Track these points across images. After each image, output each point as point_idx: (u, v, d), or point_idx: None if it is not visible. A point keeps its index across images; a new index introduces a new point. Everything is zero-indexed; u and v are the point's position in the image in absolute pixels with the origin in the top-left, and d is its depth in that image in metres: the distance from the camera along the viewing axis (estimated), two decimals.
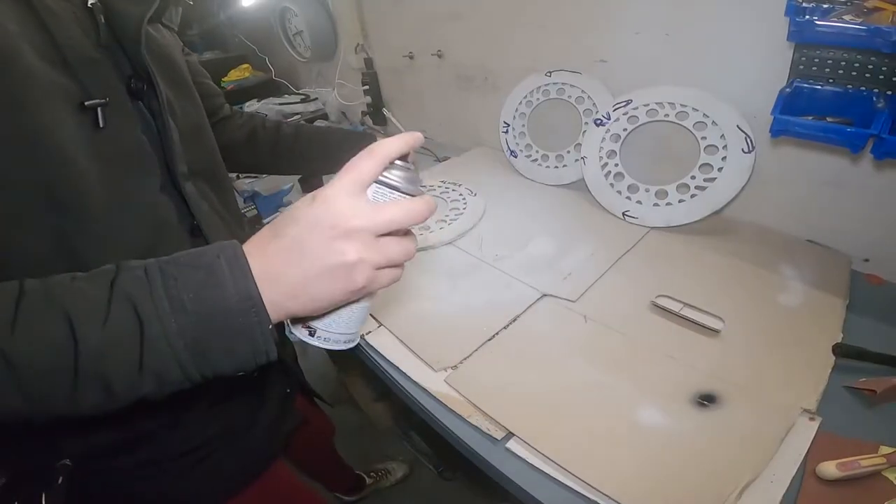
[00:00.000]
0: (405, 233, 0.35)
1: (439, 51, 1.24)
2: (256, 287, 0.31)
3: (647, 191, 0.88)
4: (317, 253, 0.31)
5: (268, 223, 0.38)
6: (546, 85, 1.03)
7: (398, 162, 0.34)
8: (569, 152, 1.03)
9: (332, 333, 0.37)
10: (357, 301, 0.36)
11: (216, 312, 0.30)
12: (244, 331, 0.31)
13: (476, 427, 0.55)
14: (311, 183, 1.22)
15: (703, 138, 0.80)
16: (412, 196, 0.34)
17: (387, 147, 0.34)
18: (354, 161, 0.33)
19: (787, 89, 0.66)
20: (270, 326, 0.32)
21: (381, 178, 0.34)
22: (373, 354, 0.68)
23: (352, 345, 0.39)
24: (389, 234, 0.33)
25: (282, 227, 0.33)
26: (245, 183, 1.37)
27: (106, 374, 0.29)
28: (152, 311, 0.29)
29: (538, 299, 0.73)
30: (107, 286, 0.29)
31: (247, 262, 0.31)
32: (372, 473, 1.34)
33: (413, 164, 0.35)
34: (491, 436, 0.54)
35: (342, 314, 0.36)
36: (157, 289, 0.29)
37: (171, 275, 0.30)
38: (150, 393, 0.31)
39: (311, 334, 0.36)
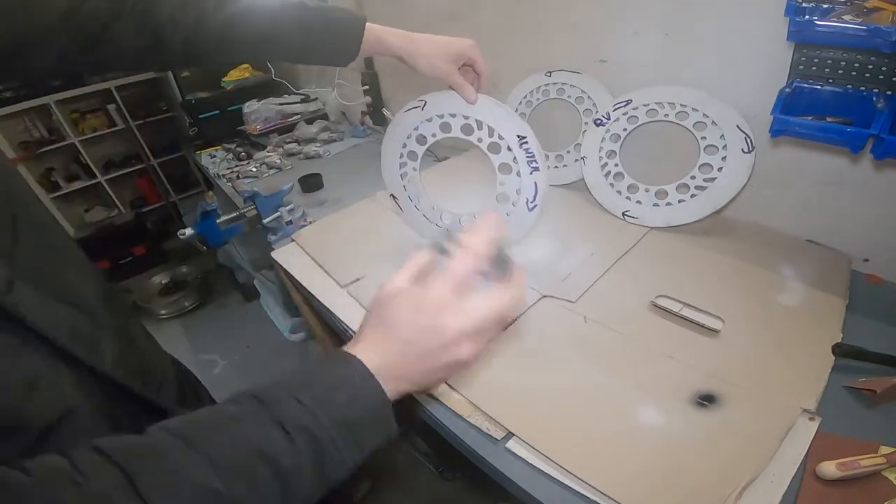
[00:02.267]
0: None
1: None
2: (384, 392, 0.35)
3: (647, 191, 0.88)
4: (437, 355, 0.36)
5: (373, 305, 0.39)
6: (546, 85, 1.03)
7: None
8: (568, 152, 1.03)
9: None
10: None
11: (365, 419, 0.34)
12: (386, 430, 0.35)
13: (476, 427, 0.55)
14: (309, 184, 1.22)
15: (703, 138, 0.80)
16: (506, 279, 0.38)
17: (485, 236, 0.38)
18: (456, 262, 0.38)
19: (787, 89, 0.66)
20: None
21: (483, 268, 0.37)
22: None
23: None
24: None
25: (393, 324, 0.36)
26: (245, 183, 1.37)
27: (302, 495, 0.31)
28: (324, 434, 0.32)
29: (538, 300, 0.73)
30: (274, 420, 0.31)
31: (374, 379, 0.35)
32: (337, 492, 1.33)
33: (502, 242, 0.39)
34: (491, 436, 0.54)
35: None
36: (320, 414, 0.32)
37: (324, 399, 0.33)
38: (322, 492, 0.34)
39: None
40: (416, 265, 0.40)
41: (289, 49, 0.63)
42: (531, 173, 0.73)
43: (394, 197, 0.87)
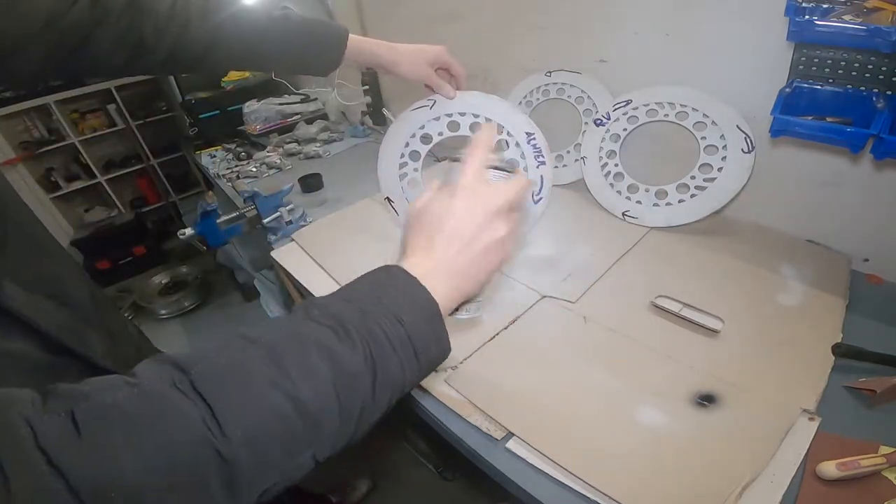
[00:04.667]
0: None
1: None
2: (432, 296, 0.35)
3: (646, 191, 0.88)
4: (476, 236, 0.38)
5: (411, 218, 0.41)
6: (546, 85, 1.03)
7: None
8: (568, 152, 1.03)
9: (471, 305, 0.42)
10: None
11: (418, 321, 0.34)
12: (437, 334, 0.36)
13: (476, 427, 0.55)
14: (309, 184, 1.22)
15: (703, 138, 0.80)
16: (512, 173, 0.42)
17: (486, 137, 0.42)
18: (473, 153, 0.41)
19: (787, 89, 0.66)
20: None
21: (494, 164, 0.41)
22: None
23: (481, 312, 0.47)
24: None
25: (435, 219, 0.39)
26: (245, 183, 1.37)
27: (363, 395, 0.31)
28: (379, 329, 0.32)
29: (538, 301, 0.73)
30: (332, 319, 0.31)
31: (419, 282, 0.35)
32: (336, 492, 1.33)
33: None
34: (491, 436, 0.54)
35: None
36: (373, 311, 0.32)
37: (376, 296, 0.34)
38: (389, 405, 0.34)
39: (455, 311, 0.41)
40: (435, 183, 0.43)
41: (271, 60, 0.66)
42: (538, 167, 0.74)
43: (389, 200, 0.87)
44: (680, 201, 0.84)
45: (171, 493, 0.24)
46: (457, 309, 0.41)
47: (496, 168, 0.42)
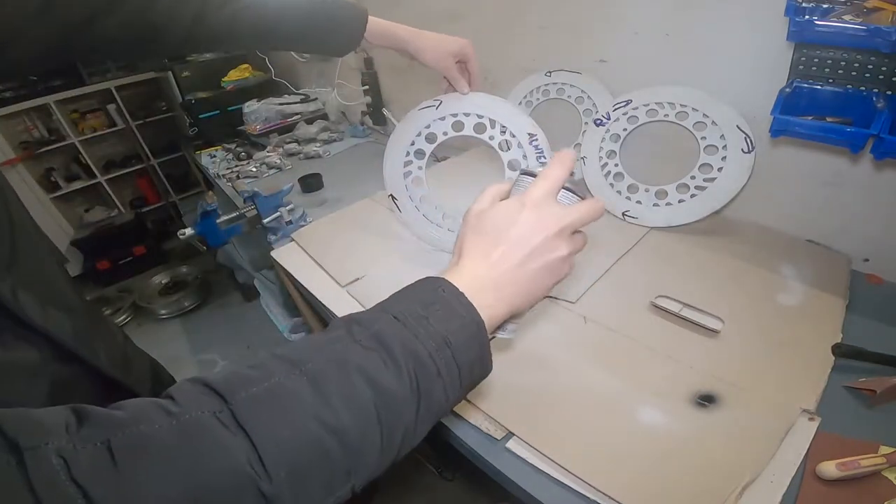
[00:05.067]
0: None
1: None
2: (478, 313, 0.34)
3: (646, 191, 0.88)
4: (540, 251, 0.37)
5: (471, 222, 0.40)
6: (546, 85, 1.03)
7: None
8: None
9: (511, 325, 0.41)
10: None
11: (464, 341, 0.33)
12: (482, 354, 0.34)
13: (476, 427, 0.55)
14: (309, 184, 1.22)
15: (703, 138, 0.80)
16: (583, 198, 0.42)
17: (569, 160, 0.40)
18: (548, 171, 0.40)
19: (787, 89, 0.66)
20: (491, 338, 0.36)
21: (565, 185, 0.41)
22: None
23: (517, 335, 0.46)
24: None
25: (499, 230, 0.38)
26: (245, 183, 1.37)
27: (406, 420, 0.30)
28: (424, 351, 0.31)
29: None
30: (374, 338, 0.30)
31: (464, 294, 0.34)
32: None
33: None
34: (491, 436, 0.54)
35: None
36: (418, 330, 0.31)
37: (422, 315, 0.32)
38: (427, 426, 0.33)
39: (498, 329, 0.40)
40: (496, 189, 0.42)
41: (291, 39, 0.64)
42: (539, 167, 0.74)
43: (393, 197, 0.87)
44: (680, 201, 0.84)
45: None
46: (499, 326, 0.39)
47: (569, 191, 0.41)
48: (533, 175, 0.41)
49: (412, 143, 0.82)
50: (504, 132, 0.75)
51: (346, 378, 0.28)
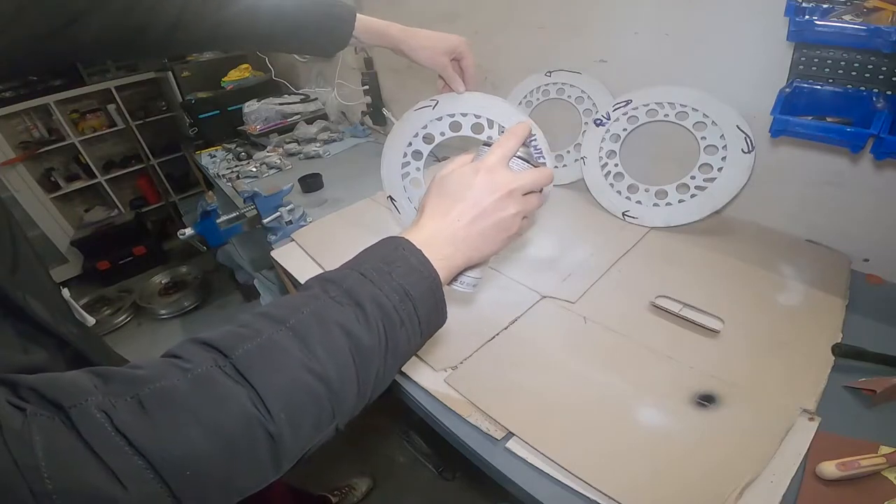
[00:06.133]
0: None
1: None
2: (434, 267, 0.38)
3: (646, 191, 0.88)
4: (491, 209, 0.42)
5: (434, 185, 0.45)
6: (546, 85, 1.03)
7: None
8: (568, 152, 1.03)
9: (469, 278, 0.46)
10: None
11: (422, 293, 0.37)
12: (438, 303, 0.39)
13: (476, 427, 0.55)
14: (309, 184, 1.22)
15: (703, 138, 0.80)
16: (535, 166, 0.47)
17: (521, 132, 0.46)
18: (502, 141, 0.46)
19: (787, 89, 0.66)
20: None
21: (518, 154, 0.46)
22: None
23: (477, 289, 0.49)
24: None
25: (456, 191, 0.43)
26: (245, 183, 1.37)
27: (377, 365, 0.34)
28: (389, 303, 0.35)
29: (538, 301, 0.73)
30: (346, 294, 0.34)
31: (421, 251, 0.38)
32: (336, 492, 1.33)
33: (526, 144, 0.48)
34: (491, 436, 0.54)
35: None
36: (383, 285, 0.35)
37: (386, 272, 0.36)
38: (394, 371, 0.37)
39: (453, 281, 0.45)
40: (461, 158, 0.47)
41: (278, 40, 0.64)
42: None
43: (391, 199, 0.87)
44: (680, 201, 0.84)
45: (231, 467, 0.27)
46: (455, 279, 0.45)
47: (521, 159, 0.46)
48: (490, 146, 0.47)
49: (409, 144, 0.81)
50: (503, 132, 0.75)
51: (326, 331, 0.32)
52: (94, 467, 0.23)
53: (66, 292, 0.54)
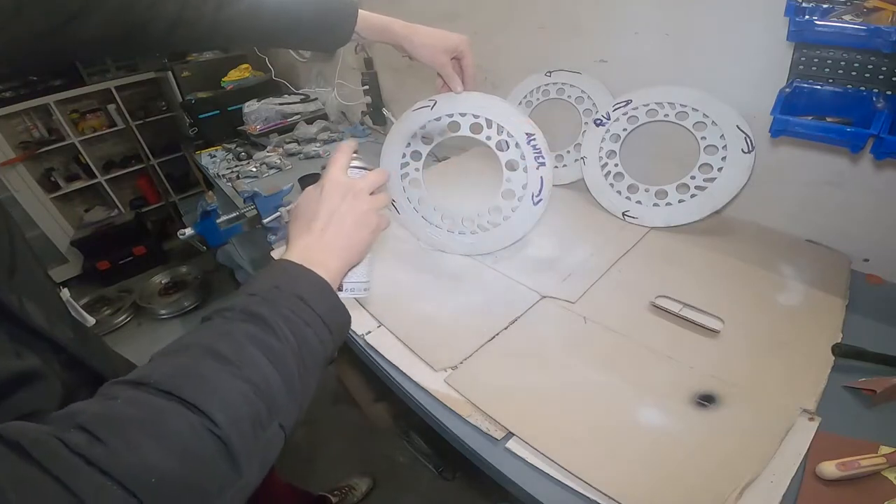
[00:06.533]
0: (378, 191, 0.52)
1: None
2: (316, 273, 0.41)
3: (646, 191, 0.88)
4: (345, 211, 0.46)
5: (291, 216, 0.49)
6: (546, 85, 1.03)
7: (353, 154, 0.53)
8: (568, 152, 1.03)
9: (355, 284, 0.49)
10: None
11: (314, 294, 0.39)
12: (336, 302, 0.41)
13: (476, 427, 0.55)
14: (309, 184, 1.22)
15: (703, 138, 0.80)
16: (370, 170, 0.52)
17: (347, 147, 0.52)
18: (335, 157, 0.51)
19: (787, 89, 0.66)
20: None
21: (353, 164, 0.52)
22: (373, 354, 0.68)
23: (368, 293, 0.52)
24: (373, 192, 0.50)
25: (310, 210, 0.46)
26: (245, 183, 1.37)
27: (293, 364, 0.35)
28: (287, 311, 0.36)
29: (538, 301, 0.73)
30: (243, 313, 0.35)
31: (301, 265, 0.41)
32: (336, 492, 1.33)
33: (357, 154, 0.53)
34: (491, 436, 0.54)
35: (359, 266, 0.49)
36: (277, 299, 0.37)
37: (274, 286, 0.38)
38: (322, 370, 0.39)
39: (341, 290, 0.48)
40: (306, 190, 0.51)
41: (280, 37, 0.64)
42: (537, 168, 0.74)
43: (391, 199, 0.87)
44: (680, 201, 0.84)
45: (193, 471, 0.27)
46: (341, 287, 0.48)
47: (357, 167, 0.52)
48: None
49: (408, 145, 0.81)
50: (501, 132, 0.74)
51: (235, 344, 0.33)
52: (57, 491, 0.23)
53: (66, 292, 0.54)
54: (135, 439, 0.26)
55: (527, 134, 0.73)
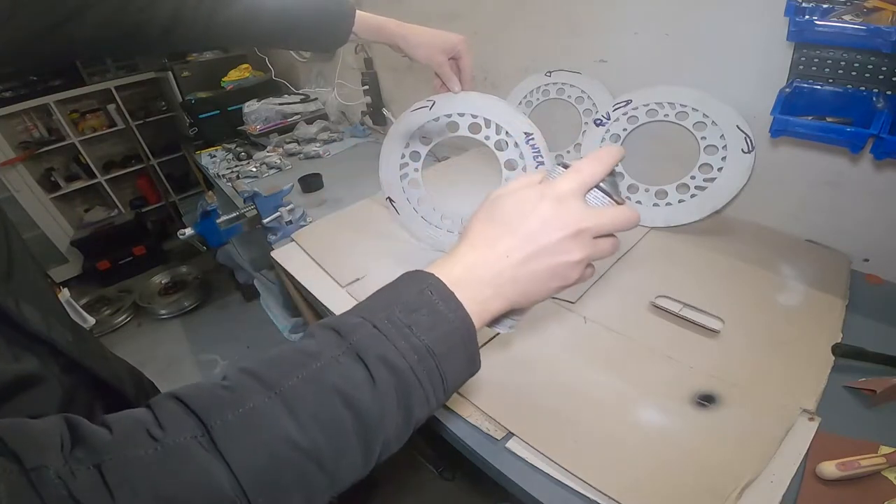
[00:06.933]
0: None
1: None
2: (468, 313, 0.32)
3: (647, 191, 0.88)
4: (549, 250, 0.34)
5: (484, 207, 0.37)
6: (546, 85, 1.03)
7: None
8: (568, 152, 1.03)
9: (510, 320, 0.39)
10: None
11: (450, 347, 0.31)
12: (470, 356, 0.33)
13: (476, 427, 0.56)
14: (309, 184, 1.22)
15: (703, 138, 0.80)
16: (619, 203, 0.37)
17: (611, 156, 0.36)
18: (583, 165, 0.35)
19: (787, 89, 0.66)
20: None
21: (600, 185, 0.36)
22: None
23: (514, 330, 0.40)
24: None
25: (511, 221, 0.34)
26: (245, 183, 1.37)
27: (386, 433, 0.30)
28: (405, 364, 0.30)
29: None
30: (352, 352, 0.29)
31: (453, 294, 0.32)
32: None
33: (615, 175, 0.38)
34: (491, 436, 0.54)
35: None
36: (400, 341, 0.30)
37: (405, 324, 0.31)
38: (408, 434, 0.33)
39: (494, 322, 0.37)
40: (528, 179, 0.37)
41: (277, 37, 0.63)
42: (536, 168, 0.74)
43: (390, 200, 0.87)
44: (680, 201, 0.84)
45: None
46: (496, 320, 0.37)
47: (603, 192, 0.36)
48: (567, 167, 0.37)
49: (407, 145, 0.81)
50: (500, 132, 0.75)
51: (321, 399, 0.28)
52: None
53: (66, 293, 0.54)
54: (144, 501, 0.24)
55: (525, 133, 0.73)
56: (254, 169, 1.43)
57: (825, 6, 0.59)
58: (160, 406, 0.27)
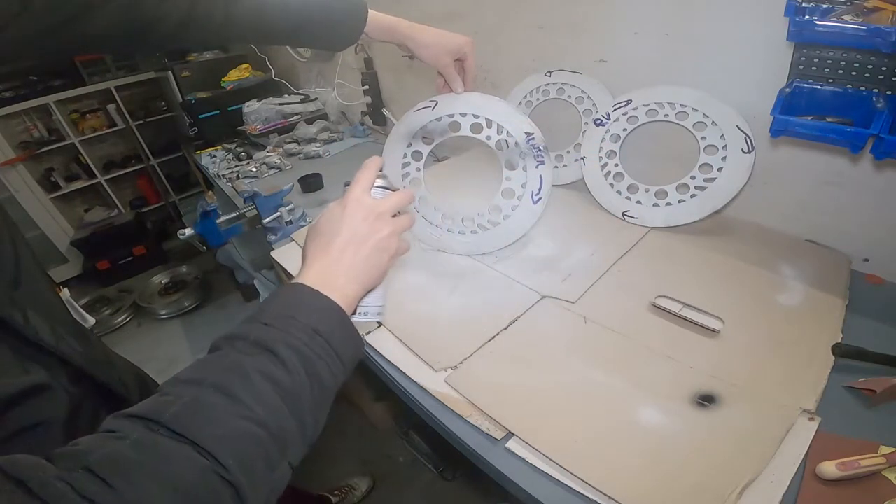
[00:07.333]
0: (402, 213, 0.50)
1: None
2: (333, 300, 0.39)
3: (646, 191, 0.88)
4: (366, 234, 0.44)
5: (308, 233, 0.48)
6: (546, 85, 1.03)
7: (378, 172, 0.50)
8: (568, 152, 1.03)
9: (370, 308, 0.47)
10: None
11: (331, 326, 0.38)
12: (350, 332, 0.40)
13: (476, 427, 0.55)
14: (309, 184, 1.22)
15: (703, 138, 0.80)
16: (395, 190, 0.50)
17: (374, 163, 0.50)
18: (359, 176, 0.48)
19: (787, 89, 0.66)
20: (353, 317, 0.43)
21: (377, 183, 0.49)
22: (373, 354, 0.69)
23: (382, 317, 0.51)
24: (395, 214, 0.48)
25: (330, 230, 0.45)
26: (245, 183, 1.37)
27: (308, 400, 0.35)
28: (300, 343, 0.35)
29: (538, 301, 0.73)
30: (256, 345, 0.34)
31: (317, 290, 0.39)
32: (336, 492, 1.33)
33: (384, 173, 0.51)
34: (491, 436, 0.54)
35: (375, 289, 0.48)
36: (289, 329, 0.36)
37: (288, 315, 0.37)
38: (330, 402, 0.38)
39: (355, 313, 0.45)
40: (331, 206, 0.49)
41: (289, 34, 0.63)
42: (537, 167, 0.75)
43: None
44: (680, 201, 0.84)
45: None
46: (356, 311, 0.45)
47: (381, 187, 0.50)
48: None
49: (409, 145, 0.82)
50: (501, 132, 0.75)
51: (246, 380, 0.32)
52: None
53: (66, 293, 0.54)
54: (144, 485, 0.26)
55: (526, 133, 0.73)
56: (254, 169, 1.43)
57: (825, 6, 0.59)
58: (109, 423, 0.30)
